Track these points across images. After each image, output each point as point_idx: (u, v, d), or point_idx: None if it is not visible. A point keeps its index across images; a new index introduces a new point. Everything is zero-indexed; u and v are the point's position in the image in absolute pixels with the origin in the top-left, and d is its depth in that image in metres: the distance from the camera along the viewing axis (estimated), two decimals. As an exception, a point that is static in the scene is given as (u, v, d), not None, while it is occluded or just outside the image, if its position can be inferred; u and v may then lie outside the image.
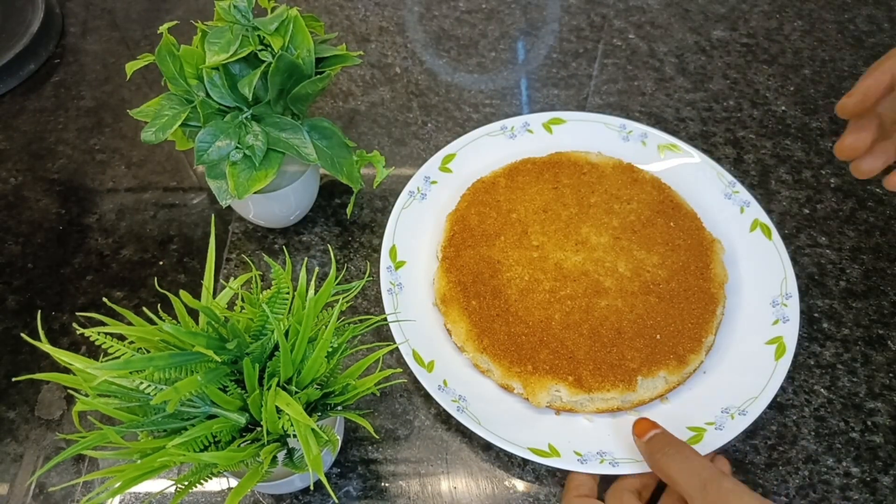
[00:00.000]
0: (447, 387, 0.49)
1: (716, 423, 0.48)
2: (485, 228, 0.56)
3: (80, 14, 0.81)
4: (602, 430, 0.49)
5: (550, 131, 0.64)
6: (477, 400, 0.49)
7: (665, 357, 0.50)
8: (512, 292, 0.52)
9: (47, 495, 0.48)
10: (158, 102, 0.50)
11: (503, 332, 0.50)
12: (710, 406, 0.49)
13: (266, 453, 0.36)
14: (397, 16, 0.80)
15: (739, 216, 0.58)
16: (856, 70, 0.73)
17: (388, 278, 0.54)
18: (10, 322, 0.56)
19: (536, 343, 0.50)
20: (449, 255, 0.55)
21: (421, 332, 0.52)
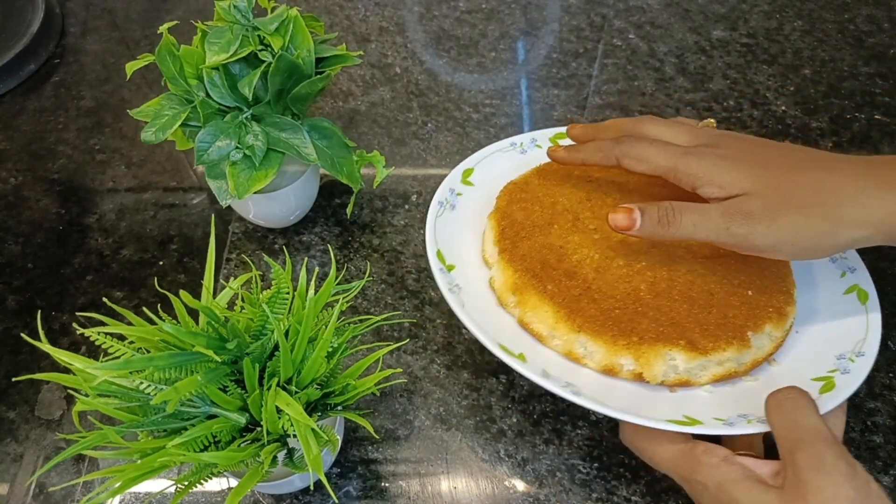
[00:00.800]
0: (550, 376, 0.45)
1: (839, 369, 0.45)
2: (534, 220, 0.53)
3: (81, 14, 0.81)
4: (727, 398, 0.45)
5: (556, 145, 0.62)
6: (585, 387, 0.45)
7: (765, 311, 0.47)
8: (587, 272, 0.49)
9: (47, 495, 0.48)
10: (158, 102, 0.50)
11: (593, 308, 0.47)
12: (823, 357, 0.47)
13: (266, 453, 0.36)
14: (397, 16, 0.80)
15: None
16: (856, 70, 0.73)
17: (444, 280, 0.51)
18: (10, 322, 0.56)
19: (633, 314, 0.47)
20: (506, 248, 0.51)
21: (498, 331, 0.48)
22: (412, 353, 0.53)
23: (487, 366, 0.53)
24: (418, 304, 0.56)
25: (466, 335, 0.54)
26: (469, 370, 0.53)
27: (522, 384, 0.52)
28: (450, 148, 0.67)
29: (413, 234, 0.61)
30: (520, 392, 0.52)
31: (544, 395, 0.51)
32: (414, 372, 0.52)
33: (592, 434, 0.50)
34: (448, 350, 0.54)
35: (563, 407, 0.51)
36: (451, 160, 0.66)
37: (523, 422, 0.50)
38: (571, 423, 0.50)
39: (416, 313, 0.56)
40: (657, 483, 0.47)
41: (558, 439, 0.49)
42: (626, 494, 0.47)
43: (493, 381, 0.52)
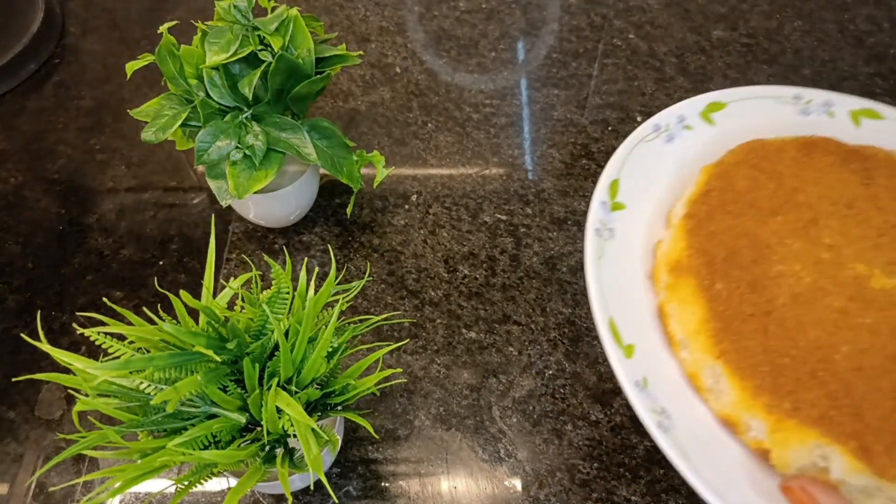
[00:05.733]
0: (646, 388, 0.35)
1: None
2: (756, 198, 0.41)
3: (81, 14, 0.81)
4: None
5: (858, 123, 0.48)
6: (685, 425, 0.34)
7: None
8: (781, 293, 0.37)
9: (47, 495, 0.47)
10: (158, 102, 0.50)
11: (756, 339, 0.35)
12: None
13: (278, 462, 0.36)
14: (397, 16, 0.80)
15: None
16: (856, 70, 0.73)
17: (599, 216, 0.40)
18: (10, 322, 0.56)
19: (806, 374, 0.34)
20: (697, 213, 0.40)
21: (625, 303, 0.38)
22: (412, 353, 0.53)
23: (487, 366, 0.53)
24: (418, 304, 0.56)
25: (467, 335, 0.54)
26: (469, 370, 0.53)
27: (522, 384, 0.52)
28: (450, 148, 0.67)
29: (413, 233, 0.61)
30: (520, 392, 0.52)
31: (544, 395, 0.51)
32: (414, 372, 0.52)
33: (592, 434, 0.50)
34: (448, 350, 0.54)
35: (563, 407, 0.51)
36: (451, 160, 0.66)
37: (523, 422, 0.50)
38: (572, 423, 0.50)
39: (416, 313, 0.55)
40: (657, 483, 0.47)
41: (558, 439, 0.49)
42: (626, 494, 0.47)
43: (493, 381, 0.52)
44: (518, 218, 0.61)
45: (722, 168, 0.42)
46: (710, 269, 0.38)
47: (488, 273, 0.58)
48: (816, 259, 0.38)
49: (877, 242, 0.40)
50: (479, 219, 0.61)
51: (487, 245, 0.59)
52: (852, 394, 0.34)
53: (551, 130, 0.68)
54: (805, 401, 0.33)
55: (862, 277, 0.38)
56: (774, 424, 0.33)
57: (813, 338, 0.35)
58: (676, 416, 0.34)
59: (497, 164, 0.66)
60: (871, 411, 0.33)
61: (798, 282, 0.37)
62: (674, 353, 0.37)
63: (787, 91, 0.48)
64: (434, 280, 0.57)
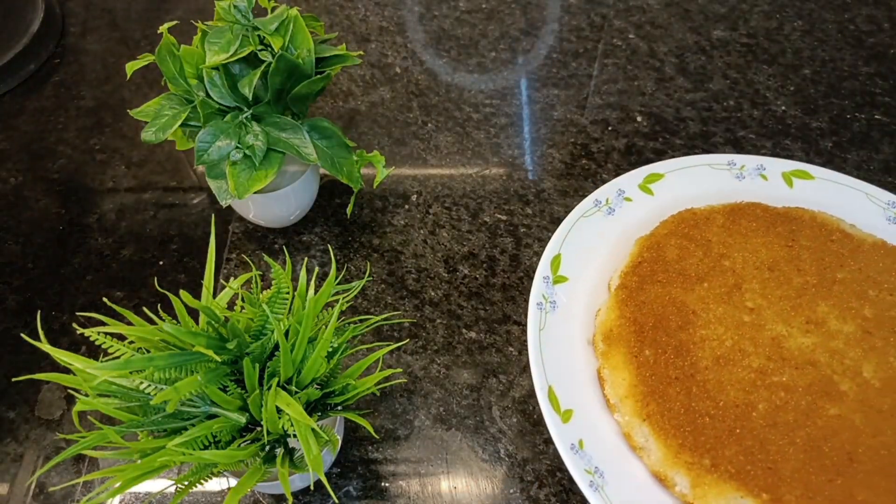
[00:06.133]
0: (583, 449, 0.38)
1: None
2: (684, 267, 0.44)
3: (81, 14, 0.81)
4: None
5: (790, 184, 0.52)
6: (618, 482, 0.37)
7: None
8: (704, 356, 0.40)
9: (47, 495, 0.47)
10: (158, 102, 0.50)
11: (680, 402, 0.38)
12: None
13: (278, 462, 0.36)
14: (397, 16, 0.80)
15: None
16: (856, 70, 0.73)
17: (541, 290, 0.43)
18: (10, 322, 0.56)
19: (724, 432, 0.37)
20: (629, 285, 0.43)
21: (564, 369, 0.41)
22: (412, 353, 0.53)
23: (487, 366, 0.53)
24: (418, 304, 0.56)
25: (467, 335, 0.54)
26: (469, 370, 0.53)
27: (522, 384, 0.52)
28: (450, 148, 0.67)
29: (413, 233, 0.61)
30: (520, 392, 0.52)
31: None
32: (414, 372, 0.52)
33: (592, 434, 0.50)
34: (448, 350, 0.54)
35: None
36: (451, 160, 0.66)
37: (523, 422, 0.50)
38: (571, 423, 0.50)
39: (416, 313, 0.55)
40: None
41: (558, 439, 0.49)
42: (626, 494, 0.47)
43: (493, 381, 0.52)
44: (518, 218, 0.61)
45: (654, 239, 0.45)
46: (640, 336, 0.41)
47: (488, 273, 0.58)
48: (739, 322, 0.41)
49: (796, 303, 0.42)
50: (479, 219, 0.61)
51: (487, 245, 0.59)
52: (767, 448, 0.36)
53: (551, 130, 0.68)
54: (723, 457, 0.36)
55: (780, 337, 0.41)
56: (695, 480, 0.36)
57: (732, 397, 0.38)
58: (611, 474, 0.37)
59: (497, 164, 0.66)
60: (784, 464, 0.35)
61: (720, 345, 0.40)
62: (612, 412, 0.40)
63: (720, 158, 0.51)
64: (434, 280, 0.57)
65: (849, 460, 0.36)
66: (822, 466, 0.36)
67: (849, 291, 0.43)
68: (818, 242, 0.46)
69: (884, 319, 0.42)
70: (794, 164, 0.52)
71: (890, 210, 0.50)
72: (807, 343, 0.41)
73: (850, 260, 0.45)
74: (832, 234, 0.47)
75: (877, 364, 0.40)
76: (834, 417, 0.38)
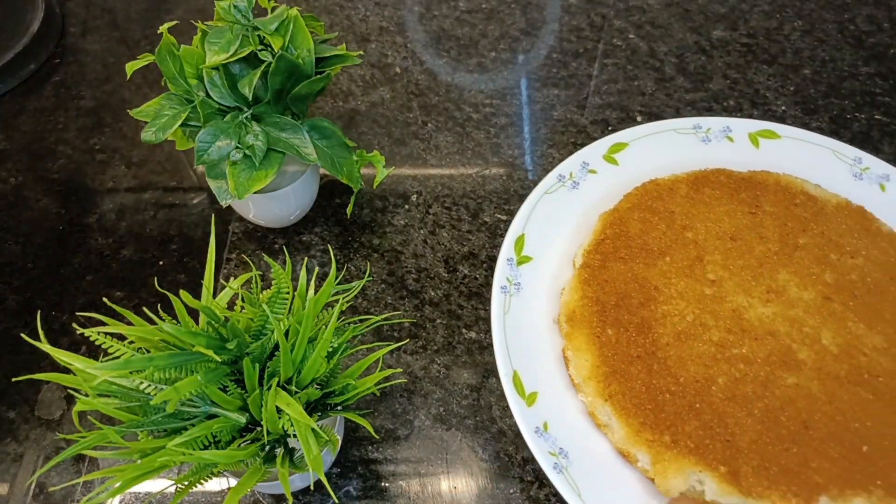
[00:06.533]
0: (547, 432, 0.38)
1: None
2: (647, 241, 0.44)
3: (81, 14, 0.81)
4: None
5: (757, 144, 0.52)
6: (583, 462, 0.38)
7: (869, 481, 0.35)
8: (665, 332, 0.40)
9: (47, 495, 0.47)
10: (158, 102, 0.50)
11: (641, 380, 0.38)
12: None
13: (278, 462, 0.36)
14: (397, 16, 0.80)
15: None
16: (856, 70, 0.73)
17: (505, 272, 0.43)
18: (10, 322, 0.56)
19: (684, 408, 0.37)
20: (592, 264, 0.43)
21: (529, 351, 0.41)
22: (412, 353, 0.53)
23: (487, 366, 0.53)
24: (418, 304, 0.56)
25: (467, 335, 0.54)
26: (469, 370, 0.53)
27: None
28: (450, 148, 0.67)
29: (413, 233, 0.61)
30: (520, 392, 0.52)
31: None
32: (414, 372, 0.52)
33: (592, 434, 0.50)
34: (448, 350, 0.54)
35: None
36: (451, 160, 0.66)
37: (523, 422, 0.50)
38: (571, 423, 0.50)
39: (416, 313, 0.55)
40: (657, 483, 0.47)
41: (558, 439, 0.49)
42: (626, 494, 0.47)
43: (493, 381, 0.52)
44: (518, 218, 0.61)
45: (617, 214, 0.45)
46: (602, 317, 0.41)
47: (488, 273, 0.58)
48: (700, 295, 0.41)
49: (757, 273, 0.43)
50: (479, 219, 0.61)
51: (487, 245, 0.59)
52: (726, 422, 0.37)
53: (551, 130, 0.68)
54: (683, 433, 0.36)
55: (741, 309, 0.41)
56: (656, 457, 0.36)
57: (692, 373, 0.38)
58: (576, 454, 0.37)
59: (497, 164, 0.66)
60: (741, 437, 0.36)
61: (682, 320, 0.40)
62: (578, 392, 0.40)
63: (686, 122, 0.50)
64: (434, 280, 0.57)
65: (804, 428, 0.37)
66: (778, 436, 0.37)
67: (810, 257, 0.44)
68: (781, 207, 0.46)
69: (843, 284, 0.43)
70: (760, 124, 0.51)
71: (856, 166, 0.50)
72: (767, 313, 0.41)
73: (812, 224, 0.45)
74: (796, 197, 0.47)
75: (835, 330, 0.40)
76: (791, 387, 0.38)
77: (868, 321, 0.41)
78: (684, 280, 0.42)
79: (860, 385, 0.38)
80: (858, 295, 0.42)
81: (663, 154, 0.49)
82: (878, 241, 0.45)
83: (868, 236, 0.45)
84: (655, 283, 0.42)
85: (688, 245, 0.43)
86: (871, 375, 0.39)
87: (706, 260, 0.43)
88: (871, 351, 0.40)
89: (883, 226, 0.46)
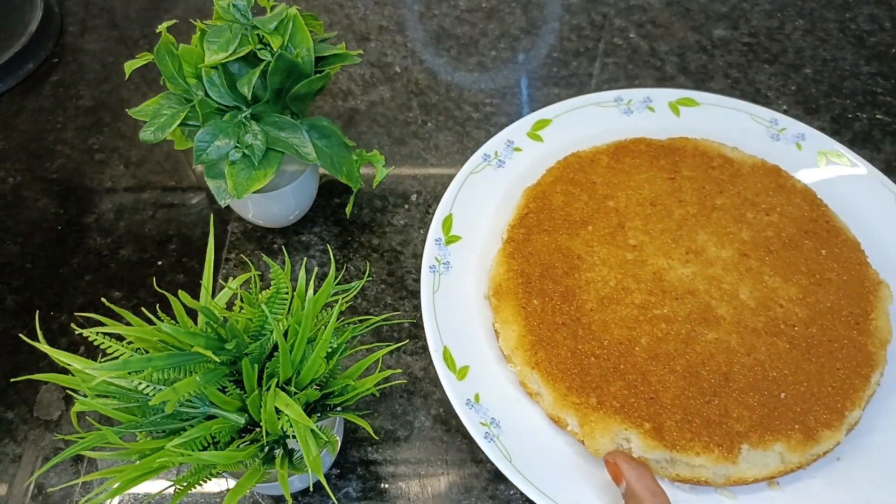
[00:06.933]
0: (479, 403, 0.39)
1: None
2: (569, 212, 0.45)
3: (79, 13, 0.80)
4: None
5: (677, 113, 0.53)
6: (514, 430, 0.39)
7: (787, 426, 0.37)
8: (589, 298, 0.41)
9: (46, 496, 0.47)
10: (157, 102, 0.50)
11: (566, 346, 0.40)
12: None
13: (277, 463, 0.36)
14: (397, 14, 0.79)
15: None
16: (857, 69, 0.73)
17: (433, 252, 0.44)
18: (9, 322, 0.56)
19: (609, 370, 0.39)
20: (516, 238, 0.44)
21: (460, 327, 0.42)
22: (412, 353, 0.53)
23: (487, 366, 0.53)
24: (418, 304, 0.56)
25: (466, 335, 0.54)
26: (469, 370, 0.52)
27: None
28: (450, 147, 0.67)
29: (413, 233, 0.60)
30: (520, 392, 0.51)
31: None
32: (414, 372, 0.52)
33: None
34: (448, 350, 0.53)
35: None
36: (451, 159, 0.65)
37: (524, 422, 0.50)
38: (572, 424, 0.50)
39: (416, 313, 0.55)
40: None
41: (559, 440, 0.49)
42: (626, 495, 0.47)
43: (493, 382, 0.52)
44: (518, 217, 0.61)
45: (540, 188, 0.46)
46: (527, 288, 0.42)
47: (488, 273, 0.57)
48: (622, 261, 0.43)
49: (676, 235, 0.44)
50: (479, 218, 0.61)
51: (487, 245, 0.59)
52: (649, 380, 0.38)
53: (551, 130, 0.68)
54: (608, 394, 0.38)
55: (661, 271, 0.42)
56: (583, 419, 0.38)
57: (616, 335, 0.40)
58: (507, 423, 0.38)
59: (497, 164, 0.65)
60: (664, 393, 0.38)
61: (605, 285, 0.42)
62: (508, 365, 0.41)
63: (607, 95, 0.51)
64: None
65: (725, 381, 0.38)
66: (700, 390, 0.38)
67: (727, 217, 0.45)
68: (699, 171, 0.47)
69: (759, 240, 0.44)
70: (680, 93, 0.52)
71: (773, 127, 0.52)
72: (686, 273, 0.43)
73: (729, 185, 0.47)
74: (713, 160, 0.48)
75: (752, 285, 0.42)
76: (711, 342, 0.40)
77: (783, 274, 0.43)
78: (606, 247, 0.43)
79: (777, 335, 0.40)
80: (774, 250, 0.44)
81: (587, 128, 0.50)
82: (793, 198, 0.46)
83: (783, 193, 0.47)
84: (578, 252, 0.43)
85: (609, 213, 0.45)
86: (788, 325, 0.41)
87: (627, 226, 0.44)
88: (786, 302, 0.41)
89: (797, 182, 0.48)
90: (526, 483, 0.36)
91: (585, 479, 0.37)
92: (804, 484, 0.38)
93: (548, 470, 0.37)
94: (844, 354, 0.40)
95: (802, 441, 0.37)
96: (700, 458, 0.36)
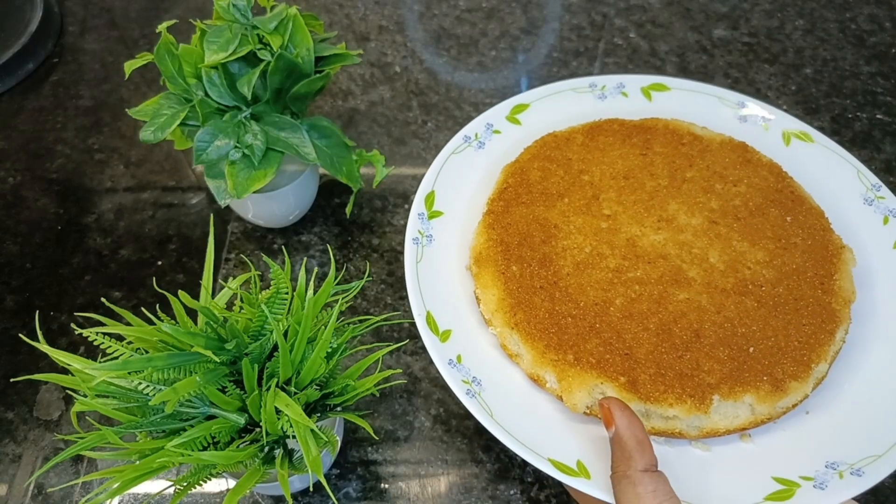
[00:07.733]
0: (461, 363, 0.40)
1: (815, 480, 0.37)
2: (546, 186, 0.47)
3: (79, 13, 0.80)
4: None
5: (650, 98, 0.55)
6: (496, 388, 0.40)
7: (756, 378, 0.39)
8: (565, 263, 0.43)
9: (46, 496, 0.47)
10: (157, 102, 0.50)
11: (544, 307, 0.41)
12: (810, 456, 0.38)
13: (277, 463, 0.36)
14: (397, 14, 0.79)
15: (881, 228, 0.47)
16: (857, 69, 0.73)
17: (416, 226, 0.46)
18: (9, 322, 0.56)
19: (585, 329, 0.40)
20: (496, 210, 0.46)
21: (443, 294, 0.43)
22: (412, 353, 0.53)
23: (488, 366, 0.53)
24: (418, 304, 0.56)
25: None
26: (469, 370, 0.52)
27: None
28: (450, 147, 0.67)
29: (413, 233, 0.60)
30: (520, 392, 0.51)
31: (545, 396, 0.51)
32: (414, 373, 0.52)
33: (593, 434, 0.50)
34: (448, 350, 0.53)
35: (564, 407, 0.51)
36: (451, 159, 0.65)
37: (524, 422, 0.50)
38: (572, 424, 0.50)
39: (416, 313, 0.55)
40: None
41: (559, 440, 0.49)
42: (626, 495, 0.47)
43: (493, 382, 0.52)
44: (518, 217, 0.61)
45: (518, 165, 0.48)
46: (506, 255, 0.44)
47: (488, 273, 0.57)
48: (597, 229, 0.45)
49: (648, 205, 0.47)
50: (479, 218, 0.61)
51: (487, 245, 0.59)
52: (624, 338, 0.40)
53: (551, 130, 0.68)
54: (585, 351, 0.39)
55: (634, 237, 0.45)
56: (561, 374, 0.39)
57: (592, 297, 0.42)
58: (488, 382, 0.40)
59: (497, 164, 0.65)
60: (638, 349, 0.40)
61: (580, 252, 0.44)
62: (488, 329, 0.43)
63: (582, 81, 0.54)
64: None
65: (696, 337, 0.40)
66: (672, 346, 0.40)
67: (697, 188, 0.48)
68: (670, 147, 0.50)
69: (728, 209, 0.47)
70: (651, 79, 0.55)
71: (740, 109, 0.54)
72: (658, 239, 0.45)
73: (698, 159, 0.49)
74: (683, 138, 0.51)
75: (721, 249, 0.44)
76: (683, 301, 0.42)
77: (751, 239, 0.45)
78: (582, 217, 0.45)
79: (745, 295, 0.42)
80: (741, 217, 0.46)
81: (563, 112, 0.53)
82: (759, 170, 0.49)
83: (749, 167, 0.49)
84: (555, 222, 0.45)
85: (584, 186, 0.47)
86: (755, 286, 0.43)
87: (602, 198, 0.46)
88: (754, 265, 0.44)
89: (763, 157, 0.50)
90: (506, 435, 0.38)
91: (563, 433, 0.39)
92: (775, 436, 0.39)
93: (528, 424, 0.39)
94: (810, 312, 0.42)
95: (771, 392, 0.39)
96: (673, 408, 0.38)
